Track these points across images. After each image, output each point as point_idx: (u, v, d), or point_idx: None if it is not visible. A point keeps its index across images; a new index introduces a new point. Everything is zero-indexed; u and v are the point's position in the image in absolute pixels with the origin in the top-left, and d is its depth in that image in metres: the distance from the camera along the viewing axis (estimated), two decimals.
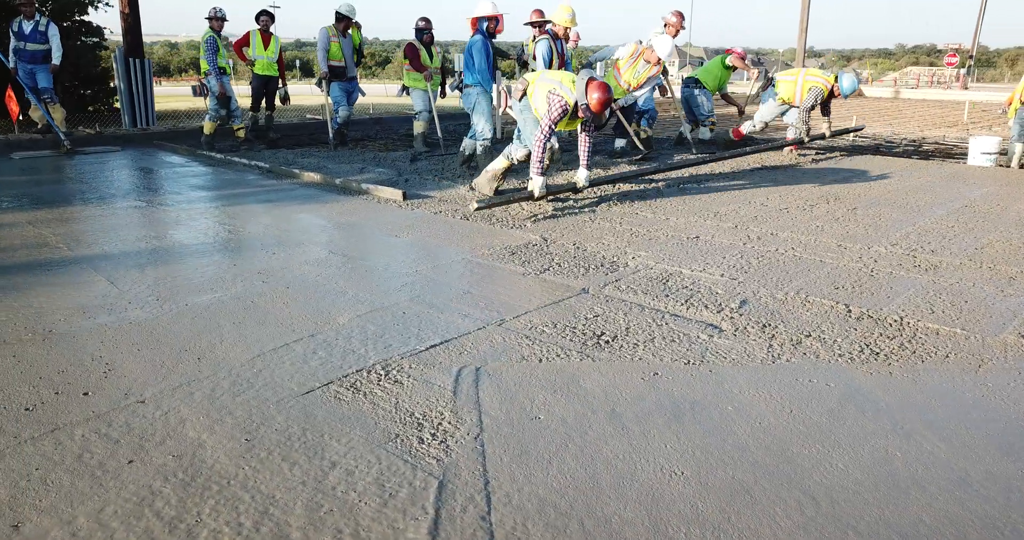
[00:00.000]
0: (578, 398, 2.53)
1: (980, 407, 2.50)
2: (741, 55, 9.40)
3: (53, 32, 8.86)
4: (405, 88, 9.08)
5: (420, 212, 5.60)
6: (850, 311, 3.43)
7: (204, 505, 1.90)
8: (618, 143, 8.80)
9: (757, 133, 9.66)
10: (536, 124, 5.58)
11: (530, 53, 8.03)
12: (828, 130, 9.29)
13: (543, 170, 5.49)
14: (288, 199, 6.16)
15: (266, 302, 3.50)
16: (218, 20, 8.95)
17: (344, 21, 8.94)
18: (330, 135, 9.43)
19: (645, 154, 8.27)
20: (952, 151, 9.92)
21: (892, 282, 3.90)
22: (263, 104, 9.67)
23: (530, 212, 5.56)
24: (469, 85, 7.19)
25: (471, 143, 7.37)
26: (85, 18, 12.91)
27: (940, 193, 6.55)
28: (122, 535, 1.79)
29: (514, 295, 3.63)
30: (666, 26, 8.34)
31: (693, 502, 1.94)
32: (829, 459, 2.15)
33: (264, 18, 9.19)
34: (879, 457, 2.16)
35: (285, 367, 2.76)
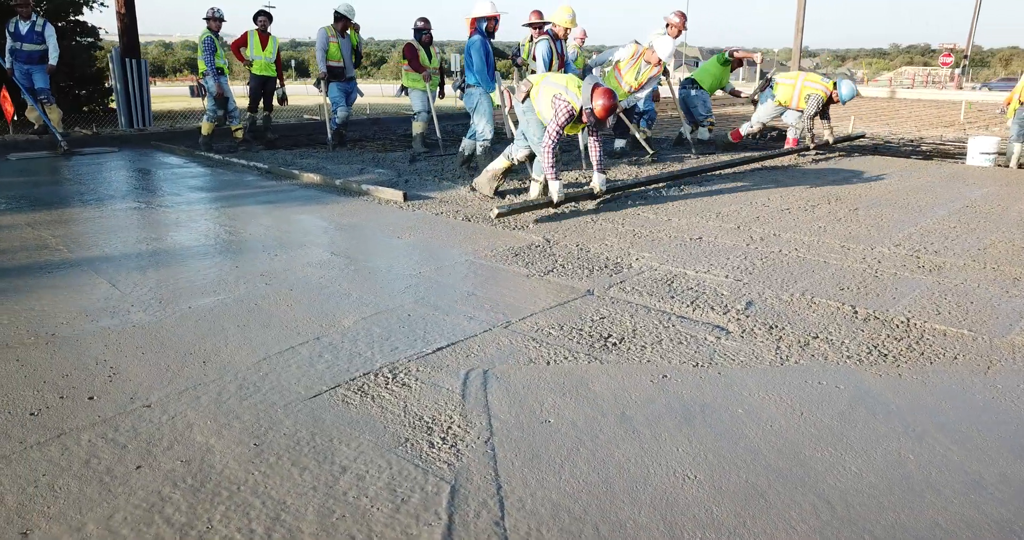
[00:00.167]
0: (587, 401, 2.51)
1: (991, 409, 2.49)
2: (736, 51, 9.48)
3: (49, 32, 8.81)
4: (404, 88, 9.07)
5: (421, 213, 5.58)
6: (856, 312, 3.42)
7: (215, 511, 1.88)
8: (618, 143, 8.79)
9: (755, 134, 9.68)
10: (539, 126, 5.56)
11: (526, 54, 8.00)
12: (831, 137, 9.33)
13: (558, 174, 5.47)
14: (288, 200, 6.13)
15: (270, 304, 3.47)
16: (216, 21, 8.91)
17: (343, 21, 8.91)
18: (328, 136, 9.40)
19: (652, 155, 8.22)
20: (951, 151, 9.95)
21: (897, 283, 3.89)
22: (261, 104, 9.63)
23: (531, 212, 5.55)
24: (471, 85, 7.18)
25: (470, 143, 7.35)
26: (80, 18, 12.84)
27: (941, 193, 6.56)
28: None
29: (519, 297, 3.62)
30: (668, 26, 8.33)
31: (708, 506, 1.93)
32: (842, 462, 2.14)
33: (262, 18, 9.15)
34: (892, 460, 2.16)
35: (291, 370, 2.73)
